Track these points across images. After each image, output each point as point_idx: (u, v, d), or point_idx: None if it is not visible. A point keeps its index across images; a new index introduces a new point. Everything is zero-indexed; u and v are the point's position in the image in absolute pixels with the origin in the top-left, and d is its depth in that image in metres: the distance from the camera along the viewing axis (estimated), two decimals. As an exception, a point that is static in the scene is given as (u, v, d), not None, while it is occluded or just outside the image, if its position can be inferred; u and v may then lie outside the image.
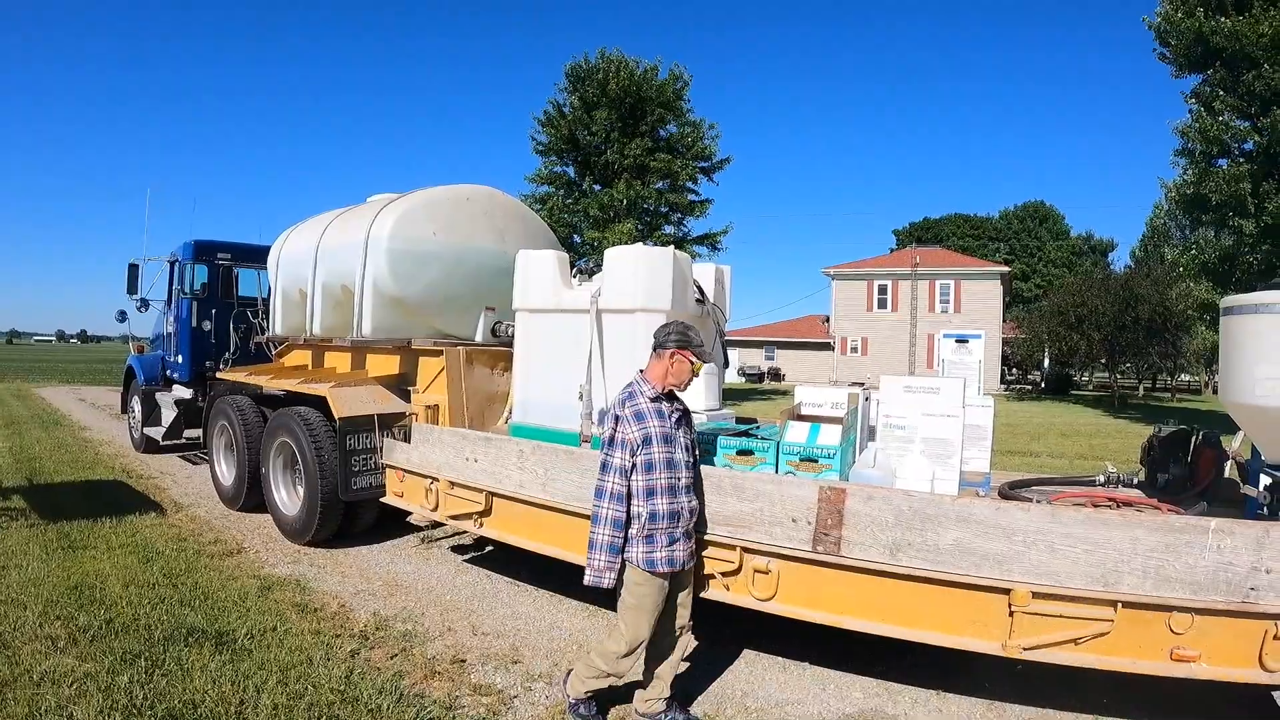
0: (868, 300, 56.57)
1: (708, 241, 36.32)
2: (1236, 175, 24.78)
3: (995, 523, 4.32)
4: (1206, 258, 27.98)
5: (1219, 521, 4.11)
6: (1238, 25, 23.93)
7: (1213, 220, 27.19)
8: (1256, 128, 24.87)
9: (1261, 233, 24.70)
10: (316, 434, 7.97)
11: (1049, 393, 51.11)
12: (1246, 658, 4.13)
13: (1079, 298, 41.53)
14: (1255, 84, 23.99)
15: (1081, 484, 6.47)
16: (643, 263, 6.11)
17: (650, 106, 34.27)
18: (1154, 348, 41.07)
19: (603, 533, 4.43)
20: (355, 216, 8.72)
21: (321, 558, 7.97)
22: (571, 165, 36.06)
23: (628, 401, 4.55)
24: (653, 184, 34.29)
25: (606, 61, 33.98)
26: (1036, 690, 5.38)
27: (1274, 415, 4.78)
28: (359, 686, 5.03)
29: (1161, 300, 37.80)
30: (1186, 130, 26.71)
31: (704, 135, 35.54)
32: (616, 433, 4.46)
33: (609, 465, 4.45)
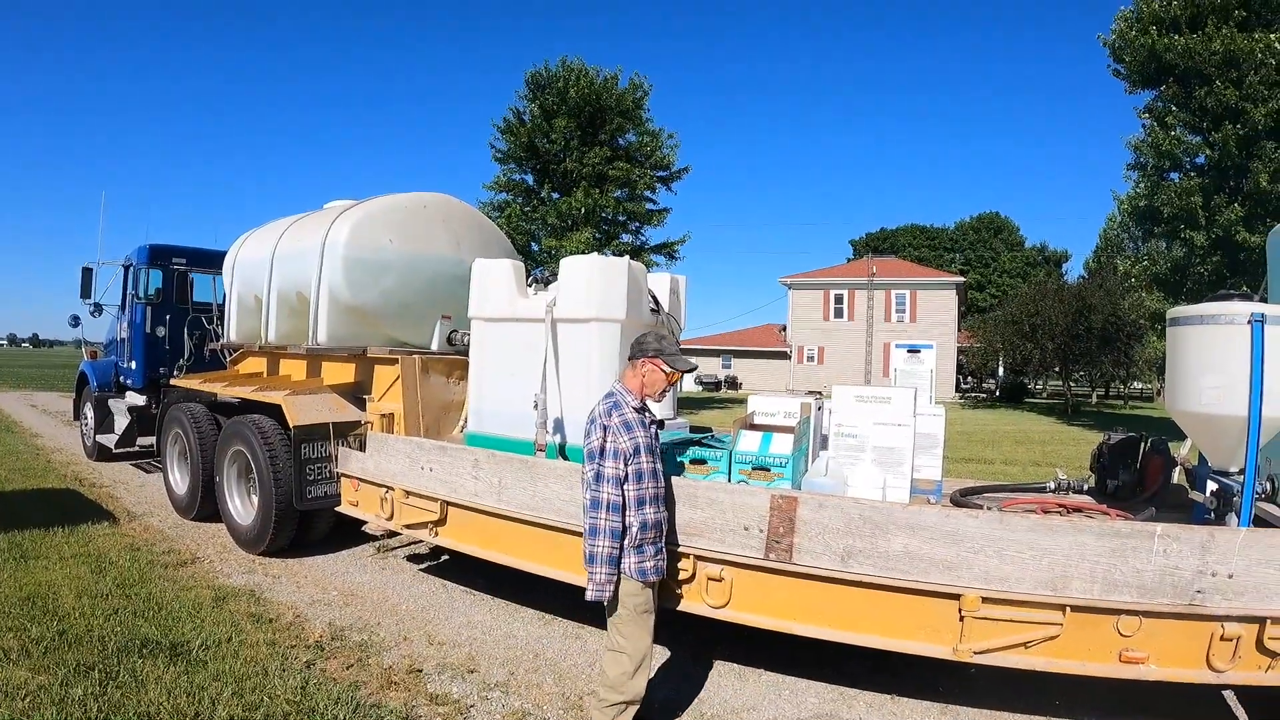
0: (824, 309, 56.98)
1: (665, 250, 36.43)
2: (1188, 189, 25.31)
3: (944, 529, 4.39)
4: (1158, 269, 28.49)
5: (1165, 526, 4.21)
6: (1191, 43, 24.50)
7: (1164, 232, 27.72)
8: (1208, 142, 25.44)
9: (1212, 245, 25.21)
10: (271, 442, 7.92)
11: (1004, 400, 51.60)
12: (1194, 659, 4.25)
13: (1033, 307, 41.99)
14: (1207, 100, 24.56)
15: (1032, 491, 6.58)
16: (597, 272, 6.14)
17: (610, 115, 34.34)
18: (1107, 356, 41.60)
19: (603, 545, 4.35)
20: (311, 223, 8.66)
21: (277, 567, 7.91)
22: (530, 173, 36.05)
23: (614, 411, 4.49)
24: (611, 193, 34.34)
25: (567, 70, 34.03)
26: (989, 693, 5.47)
27: (1219, 423, 4.90)
28: (315, 697, 5.01)
29: (1114, 310, 38.31)
30: (1139, 144, 27.31)
31: (663, 144, 35.70)
32: (607, 443, 4.38)
33: (604, 476, 4.37)
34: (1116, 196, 29.50)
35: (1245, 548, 4.11)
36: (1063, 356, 42.10)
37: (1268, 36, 23.26)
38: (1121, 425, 7.04)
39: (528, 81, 34.89)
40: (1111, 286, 38.76)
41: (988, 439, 24.64)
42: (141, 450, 13.73)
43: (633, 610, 4.43)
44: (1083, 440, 23.20)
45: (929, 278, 57.11)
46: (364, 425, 7.76)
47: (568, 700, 5.26)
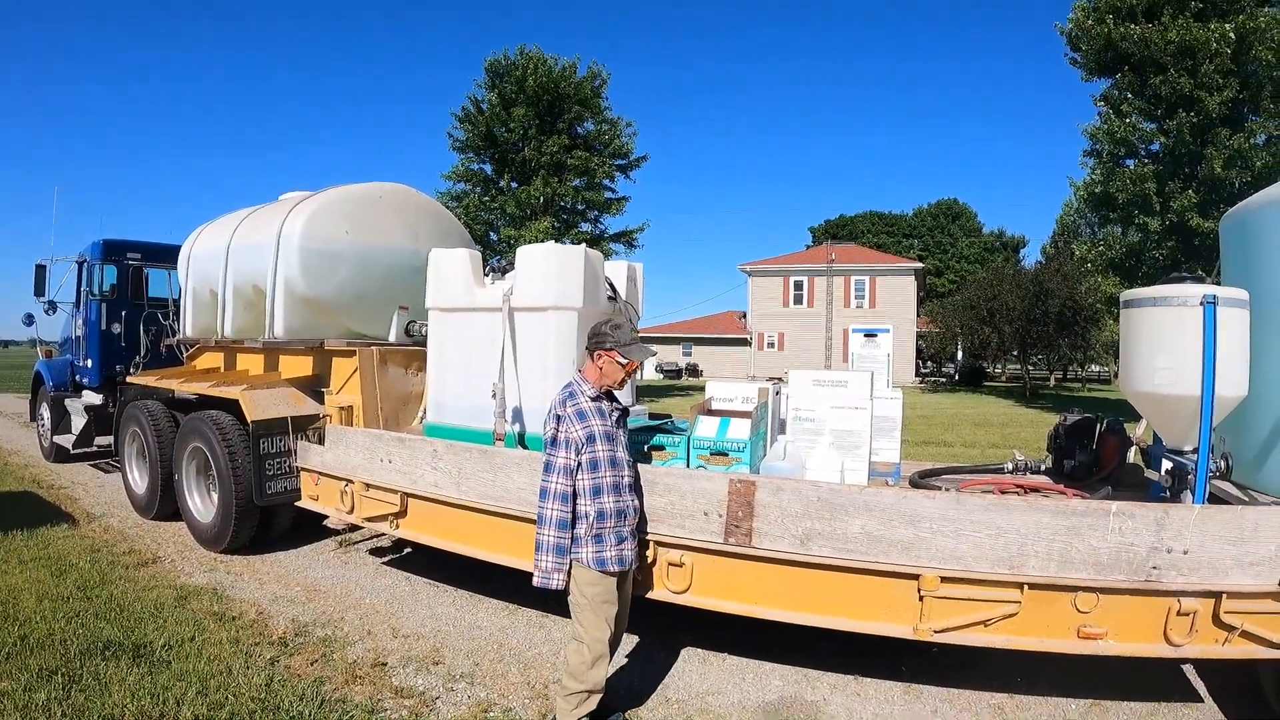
0: (784, 296, 57.18)
1: (624, 239, 36.25)
2: (1143, 175, 25.64)
3: (901, 510, 4.43)
4: (1114, 254, 28.82)
5: (1119, 504, 4.28)
6: (1147, 32, 24.80)
7: (1120, 218, 28.09)
8: (1163, 130, 25.77)
9: (1166, 230, 25.57)
10: (229, 438, 7.82)
11: (963, 384, 52.06)
12: (1152, 633, 4.33)
13: (991, 292, 42.41)
14: (1162, 88, 24.89)
15: (990, 472, 6.65)
16: (554, 261, 6.13)
17: (568, 104, 34.13)
18: (1064, 340, 42.12)
19: (548, 534, 4.35)
20: (267, 215, 8.58)
21: (238, 565, 7.84)
22: (489, 162, 35.69)
23: (569, 401, 4.47)
24: (570, 181, 34.15)
25: (526, 58, 33.78)
26: (951, 672, 5.55)
27: (1172, 402, 4.96)
28: (280, 694, 4.98)
29: (1071, 294, 38.73)
30: (1095, 132, 27.58)
31: (621, 133, 35.51)
32: (559, 432, 4.39)
33: (552, 465, 4.38)
34: (1073, 183, 29.74)
35: (1200, 524, 4.19)
36: (1020, 340, 42.60)
37: (1222, 26, 23.57)
38: (1078, 407, 7.15)
39: (487, 70, 34.57)
40: (1068, 271, 39.19)
41: (947, 422, 24.95)
42: (100, 450, 13.52)
43: (591, 600, 4.41)
44: (1041, 422, 23.48)
45: (888, 264, 57.51)
46: (323, 418, 7.70)
47: (533, 690, 5.27)
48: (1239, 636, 4.25)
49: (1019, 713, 5.15)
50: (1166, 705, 5.25)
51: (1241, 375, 4.98)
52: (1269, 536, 4.16)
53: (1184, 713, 5.17)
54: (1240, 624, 4.22)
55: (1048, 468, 6.68)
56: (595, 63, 35.33)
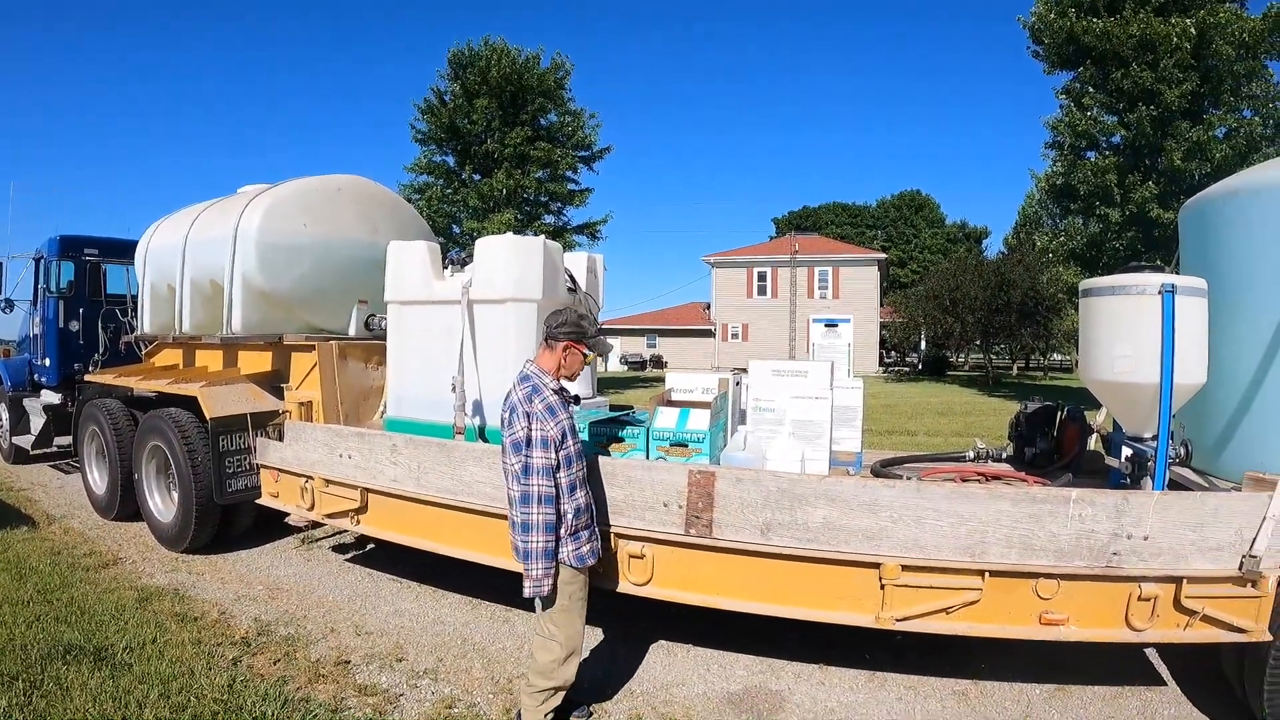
0: (748, 287, 57.22)
1: (587, 231, 36.40)
2: (1103, 167, 25.89)
3: (862, 500, 4.43)
4: (1075, 244, 29.07)
5: (1079, 491, 4.30)
6: (1108, 26, 25.05)
7: (1081, 209, 28.32)
8: (1124, 123, 26.01)
9: (1126, 220, 25.82)
10: (189, 436, 7.73)
11: (926, 374, 52.37)
12: (1113, 619, 4.36)
13: (953, 282, 42.76)
14: (1123, 82, 25.14)
15: (952, 460, 6.68)
16: (513, 252, 6.10)
17: (531, 95, 34.18)
18: (1026, 329, 42.53)
19: (538, 540, 4.16)
20: (224, 209, 8.47)
21: (200, 565, 7.75)
22: (451, 154, 35.70)
23: (535, 396, 4.28)
24: (533, 173, 34.15)
25: (489, 49, 33.71)
26: (915, 660, 5.60)
27: (1131, 390, 5.00)
28: (243, 695, 4.94)
29: (1033, 284, 39.16)
30: (1057, 124, 27.82)
31: (584, 124, 35.64)
32: (533, 430, 4.18)
33: (532, 468, 4.17)
34: (1034, 175, 30.01)
35: (1159, 510, 4.22)
36: (983, 330, 43.01)
37: (1183, 21, 23.83)
38: (1039, 395, 7.20)
39: (450, 61, 34.53)
40: (1030, 262, 39.59)
41: (910, 411, 25.09)
42: (60, 450, 13.33)
43: (569, 599, 4.34)
44: (1003, 411, 23.67)
45: (851, 254, 57.61)
46: (282, 414, 7.60)
47: (496, 684, 5.25)
48: (1200, 620, 4.30)
49: (983, 699, 5.19)
50: (1130, 689, 5.30)
51: (1200, 363, 5.02)
52: (1228, 521, 4.19)
53: (1148, 696, 5.22)
54: (1201, 608, 4.26)
55: (1009, 456, 6.72)
56: (559, 54, 35.51)
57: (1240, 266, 5.27)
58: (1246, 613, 4.26)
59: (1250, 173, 5.60)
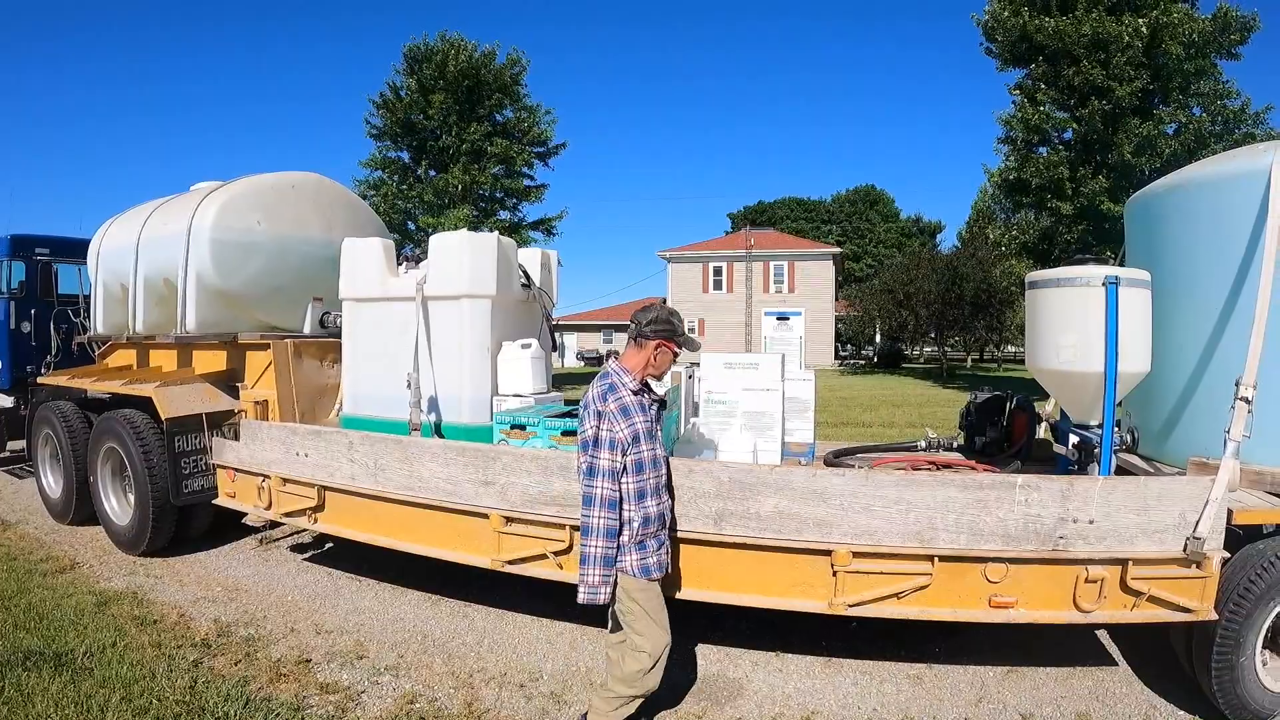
0: (703, 282, 57.12)
1: (543, 227, 36.22)
2: (1055, 162, 26.41)
3: (812, 488, 4.50)
4: (1027, 238, 29.56)
5: (1025, 477, 4.40)
6: (1061, 24, 25.54)
7: (1033, 203, 28.85)
8: (1075, 118, 26.49)
9: (1078, 214, 26.32)
10: (144, 437, 7.64)
11: (881, 366, 52.85)
12: (1061, 601, 4.46)
13: (908, 276, 43.32)
14: (1075, 78, 25.62)
15: (903, 450, 6.78)
16: (467, 248, 6.13)
17: (488, 90, 34.01)
18: (979, 322, 43.16)
19: (597, 545, 3.98)
20: (177, 206, 8.37)
21: (158, 567, 7.67)
22: (407, 150, 35.45)
23: (610, 395, 4.10)
24: (489, 169, 34.00)
25: (446, 44, 33.52)
26: (871, 645, 5.70)
27: (1077, 379, 5.13)
28: (204, 696, 4.92)
29: (985, 278, 39.75)
30: (1010, 120, 28.23)
31: (540, 120, 35.48)
32: (602, 431, 4.01)
33: (598, 469, 3.99)
34: (987, 169, 30.42)
35: (1104, 494, 4.32)
36: (937, 323, 43.63)
37: (1135, 20, 24.29)
38: (989, 385, 7.34)
39: (405, 55, 34.24)
40: (983, 255, 40.18)
41: (865, 403, 25.29)
42: (13, 455, 13.13)
43: (643, 607, 4.12)
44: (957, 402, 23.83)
45: (806, 249, 57.69)
46: (238, 414, 7.57)
47: (457, 679, 5.27)
48: (1146, 601, 4.40)
49: (937, 681, 5.29)
50: (1082, 669, 5.43)
51: (1144, 352, 5.16)
52: (1172, 505, 4.30)
53: (1099, 676, 5.35)
54: (1147, 589, 4.36)
55: (960, 445, 6.84)
56: (515, 49, 35.33)
57: (1183, 258, 5.40)
58: (1192, 593, 4.37)
59: (1193, 168, 5.73)
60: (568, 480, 5.01)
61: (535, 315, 7.01)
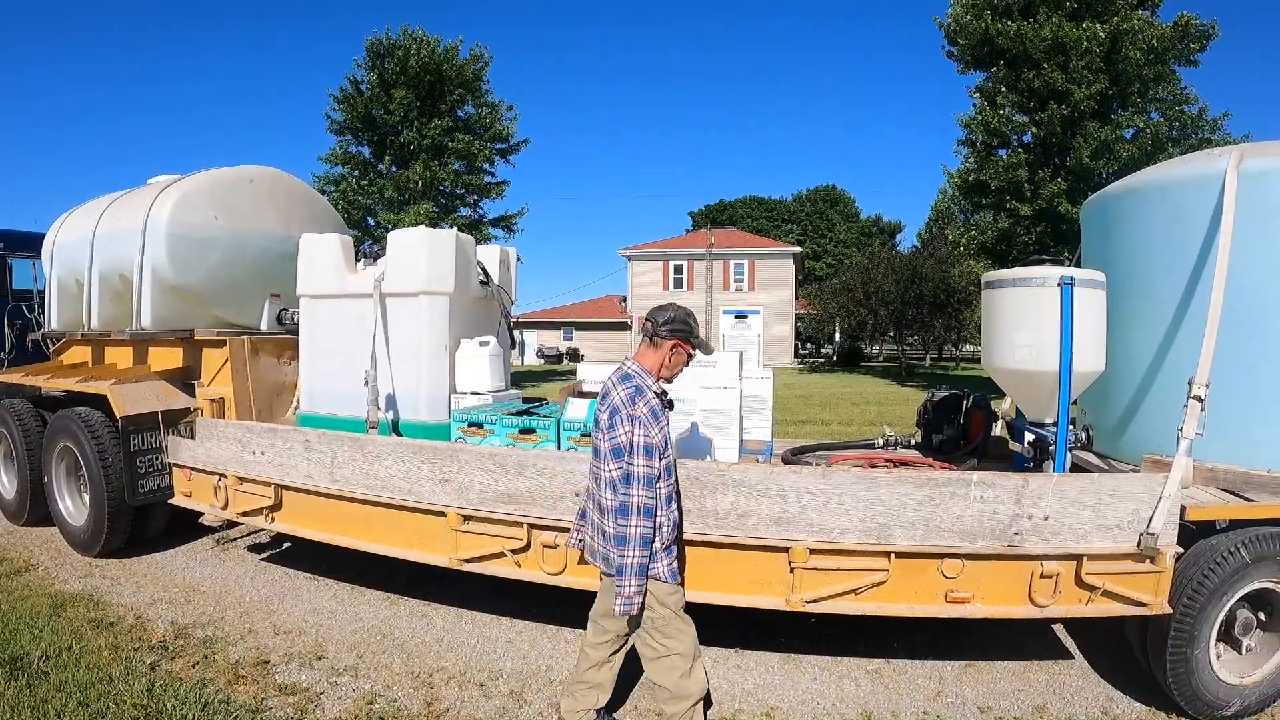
0: (664, 280, 57.13)
1: (504, 224, 36.08)
2: (1014, 164, 26.69)
3: (769, 486, 4.53)
4: (986, 238, 29.84)
5: (980, 475, 4.46)
6: (1022, 28, 25.75)
7: (992, 204, 29.11)
8: (1035, 122, 26.75)
9: (1036, 215, 26.62)
10: (99, 436, 7.51)
11: (841, 365, 53.26)
12: (1017, 596, 4.53)
13: (867, 275, 43.69)
14: (1035, 82, 25.85)
15: (861, 447, 6.83)
16: (425, 245, 6.10)
17: (450, 86, 33.86)
18: (938, 321, 43.59)
19: (635, 555, 3.84)
20: (134, 200, 8.25)
21: (115, 569, 7.56)
22: (367, 145, 35.16)
23: (638, 398, 3.94)
24: (450, 165, 33.83)
25: (409, 39, 33.33)
26: (829, 641, 5.73)
27: (1032, 378, 5.21)
28: (162, 699, 4.85)
29: (944, 278, 40.17)
30: (970, 122, 28.47)
31: (502, 116, 35.40)
32: (636, 436, 3.85)
33: (634, 477, 3.83)
34: (947, 171, 30.77)
35: (1058, 491, 4.39)
36: (896, 322, 44.04)
37: (1094, 26, 24.57)
38: (946, 384, 7.43)
39: (368, 50, 33.98)
40: (942, 255, 40.59)
41: (825, 401, 25.48)
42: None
43: (673, 610, 4.05)
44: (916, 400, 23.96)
45: (767, 248, 57.89)
46: (194, 412, 7.48)
47: (417, 679, 5.25)
48: (1101, 596, 4.48)
49: (896, 676, 5.34)
50: (1039, 663, 5.50)
51: (1098, 351, 5.24)
52: (1126, 501, 4.38)
53: (1056, 670, 5.43)
54: (1101, 584, 4.44)
55: (917, 442, 6.90)
56: (478, 45, 35.29)
57: (1138, 259, 5.49)
58: (1146, 587, 4.45)
59: (1149, 171, 5.82)
60: (525, 478, 5.02)
61: (494, 312, 7.00)
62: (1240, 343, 4.80)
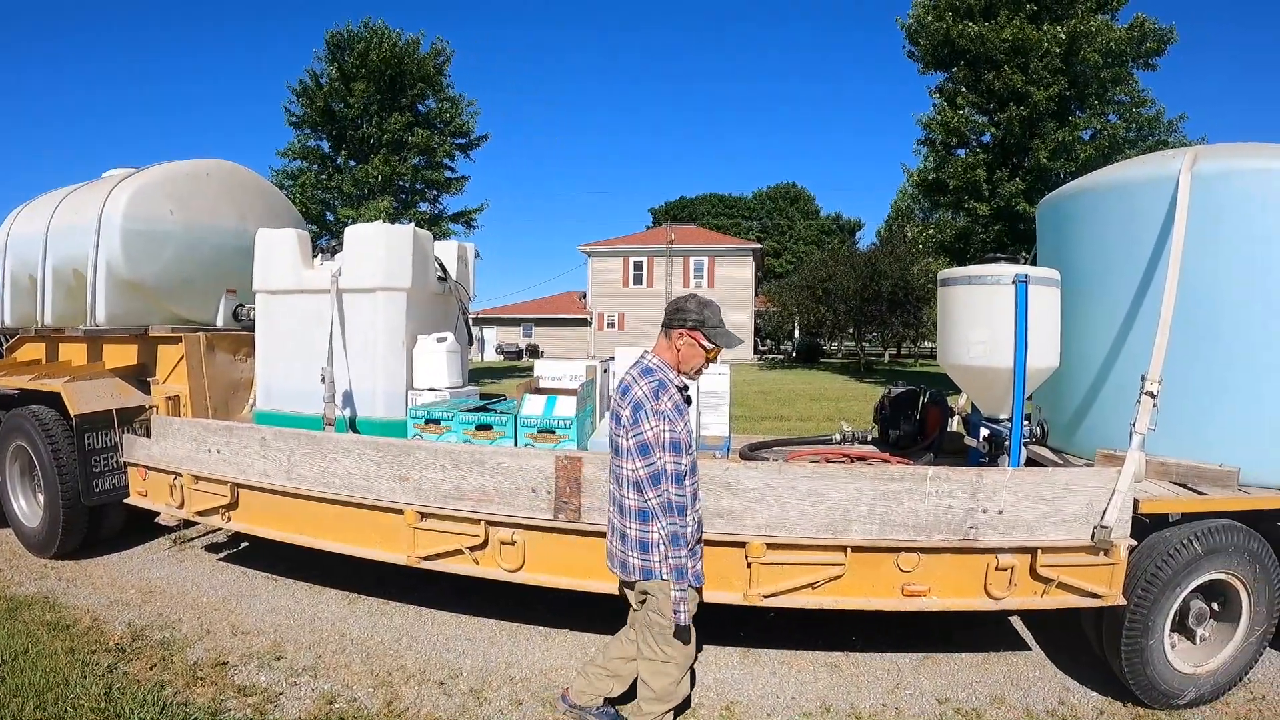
0: (624, 276, 57.20)
1: (464, 219, 36.10)
2: (973, 163, 26.92)
3: (725, 481, 4.56)
4: (944, 237, 30.15)
5: (935, 469, 4.51)
6: (983, 30, 25.99)
7: (950, 203, 29.40)
8: (994, 122, 27.07)
9: (994, 214, 26.90)
10: (53, 435, 7.38)
11: (800, 361, 53.47)
12: (973, 589, 4.59)
13: (827, 273, 43.91)
14: (995, 83, 26.13)
15: (818, 443, 6.86)
16: (382, 240, 6.07)
17: (410, 80, 33.73)
18: (896, 318, 43.88)
19: (674, 555, 3.73)
20: (88, 194, 8.12)
21: (71, 570, 7.44)
22: (327, 139, 34.98)
23: (661, 393, 3.79)
24: (410, 160, 33.70)
25: (370, 32, 33.11)
26: (788, 635, 5.77)
27: (987, 374, 5.26)
28: (120, 702, 4.80)
29: (903, 275, 40.49)
30: (930, 122, 28.72)
31: (462, 111, 35.33)
32: (662, 431, 3.71)
33: (666, 474, 3.71)
34: (907, 169, 30.95)
35: (1013, 485, 4.45)
36: (855, 319, 44.27)
37: (1054, 28, 24.89)
38: (903, 380, 7.52)
39: (328, 42, 33.78)
40: (901, 253, 40.90)
41: (783, 397, 25.60)
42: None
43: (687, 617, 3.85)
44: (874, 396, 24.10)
45: (727, 245, 58.15)
46: (149, 409, 7.37)
47: (376, 678, 5.22)
48: (1056, 588, 4.56)
49: (854, 669, 5.39)
50: (996, 655, 5.58)
51: (1053, 348, 5.31)
52: (1079, 495, 4.46)
53: (1013, 661, 5.50)
54: (1056, 576, 4.52)
55: (874, 438, 6.94)
56: (439, 39, 35.11)
57: (1092, 257, 5.56)
58: (1100, 579, 4.54)
59: (1104, 171, 5.90)
60: (482, 475, 5.02)
61: (451, 308, 6.98)
62: (1192, 340, 4.88)
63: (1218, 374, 4.94)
